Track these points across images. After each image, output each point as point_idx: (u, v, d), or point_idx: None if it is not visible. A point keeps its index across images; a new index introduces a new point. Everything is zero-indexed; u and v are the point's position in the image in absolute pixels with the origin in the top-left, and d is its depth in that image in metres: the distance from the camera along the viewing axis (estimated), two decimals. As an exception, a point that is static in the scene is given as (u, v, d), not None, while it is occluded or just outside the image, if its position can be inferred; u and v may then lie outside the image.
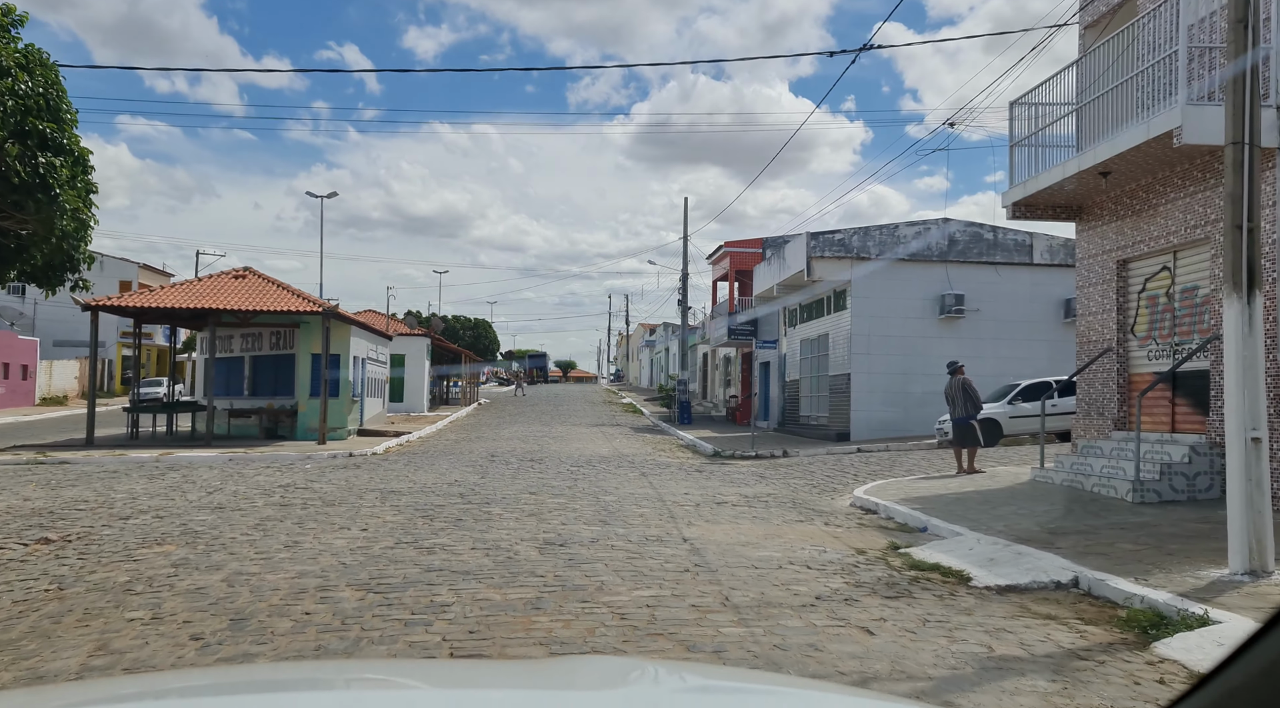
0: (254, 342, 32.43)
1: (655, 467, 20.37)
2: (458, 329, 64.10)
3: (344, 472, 18.30)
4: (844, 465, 19.79)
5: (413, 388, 44.90)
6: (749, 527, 11.39)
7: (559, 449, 25.34)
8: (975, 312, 26.34)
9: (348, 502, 13.47)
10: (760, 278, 32.10)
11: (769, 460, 23.02)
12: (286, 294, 28.87)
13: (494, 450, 24.98)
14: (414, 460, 21.75)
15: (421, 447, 27.34)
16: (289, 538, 10.40)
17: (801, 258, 26.62)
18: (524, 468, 19.37)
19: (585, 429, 34.54)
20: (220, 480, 16.53)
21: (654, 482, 16.79)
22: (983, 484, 14.31)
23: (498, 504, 13.23)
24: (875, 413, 26.25)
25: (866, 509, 13.15)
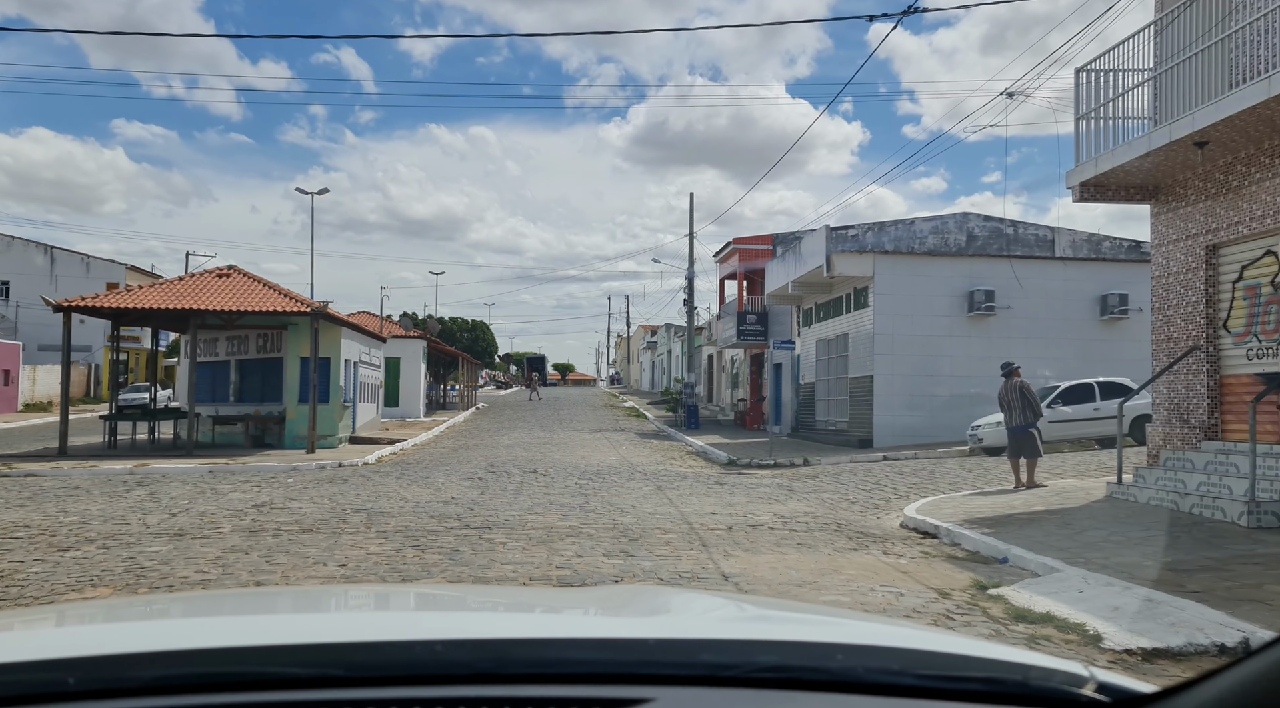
0: (240, 345, 30.64)
1: (670, 478, 18.61)
2: (454, 331, 62.19)
3: (329, 487, 16.52)
4: (876, 476, 18.03)
5: (408, 392, 43.09)
6: (797, 558, 9.62)
7: (563, 458, 23.57)
8: (1006, 309, 24.59)
9: (328, 526, 11.68)
10: (773, 275, 30.31)
11: (790, 470, 21.25)
12: (273, 294, 27.07)
13: (494, 460, 23.20)
14: (408, 472, 19.97)
15: (417, 455, 25.56)
16: (251, 577, 8.62)
17: (820, 253, 24.87)
18: (527, 481, 17.60)
19: (589, 435, 32.77)
20: (190, 498, 14.73)
21: (672, 497, 15.02)
22: (1052, 501, 12.54)
23: (500, 529, 11.45)
24: (899, 418, 24.49)
25: (924, 532, 11.39)
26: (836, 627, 1.59)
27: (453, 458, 23.99)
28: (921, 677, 1.16)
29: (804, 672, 1.15)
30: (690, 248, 37.76)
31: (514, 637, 1.31)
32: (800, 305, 30.88)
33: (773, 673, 1.14)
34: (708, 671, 1.14)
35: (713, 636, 1.39)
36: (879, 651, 1.24)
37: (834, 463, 22.05)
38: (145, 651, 1.16)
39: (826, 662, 1.18)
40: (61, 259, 51.88)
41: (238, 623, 1.57)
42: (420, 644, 1.16)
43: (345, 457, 24.29)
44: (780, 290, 30.00)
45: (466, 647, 1.19)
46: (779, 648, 1.25)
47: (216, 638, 1.29)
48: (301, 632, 1.37)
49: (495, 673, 1.11)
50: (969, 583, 8.42)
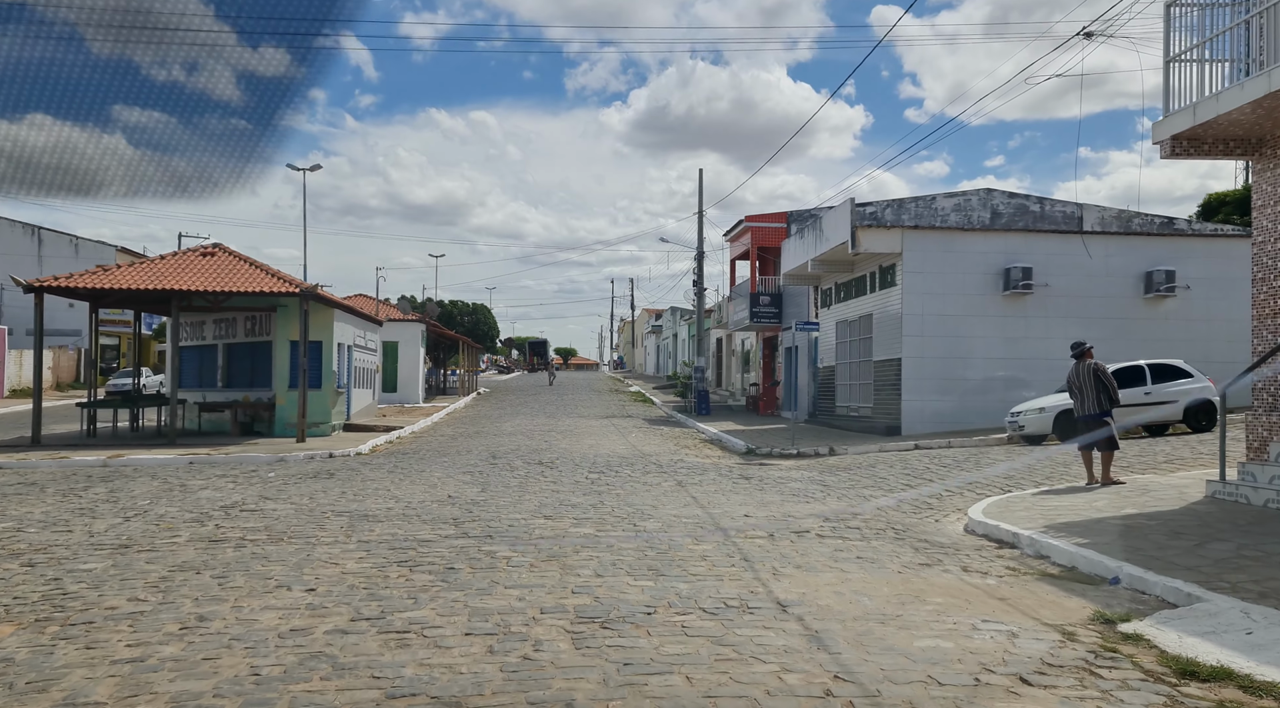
0: (227, 328, 28.88)
1: (688, 471, 16.89)
2: (454, 314, 60.21)
3: (313, 483, 14.79)
4: (915, 469, 16.30)
5: (406, 377, 41.36)
6: (863, 577, 7.89)
7: (570, 447, 21.84)
8: (1044, 287, 22.79)
9: (302, 535, 9.95)
10: (790, 254, 28.50)
11: (817, 460, 19.52)
12: (260, 274, 25.30)
13: (496, 449, 21.47)
14: (402, 464, 18.26)
15: (413, 444, 23.84)
16: (196, 608, 6.90)
17: (844, 228, 23.06)
18: (532, 475, 15.88)
19: (595, 422, 31.04)
20: (154, 497, 13.00)
21: (696, 494, 13.29)
22: (1143, 503, 10.79)
23: (503, 539, 9.71)
24: (929, 403, 22.74)
25: (1001, 542, 9.65)
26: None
27: (451, 448, 22.27)
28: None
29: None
30: (699, 225, 35.96)
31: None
32: (819, 286, 29.07)
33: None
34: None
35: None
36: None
37: (862, 452, 20.32)
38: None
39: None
40: (49, 240, 50.03)
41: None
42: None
43: (337, 446, 22.60)
44: (798, 270, 28.19)
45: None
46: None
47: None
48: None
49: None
50: (1089, 615, 6.69)
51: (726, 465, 18.35)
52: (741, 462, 19.47)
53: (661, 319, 70.26)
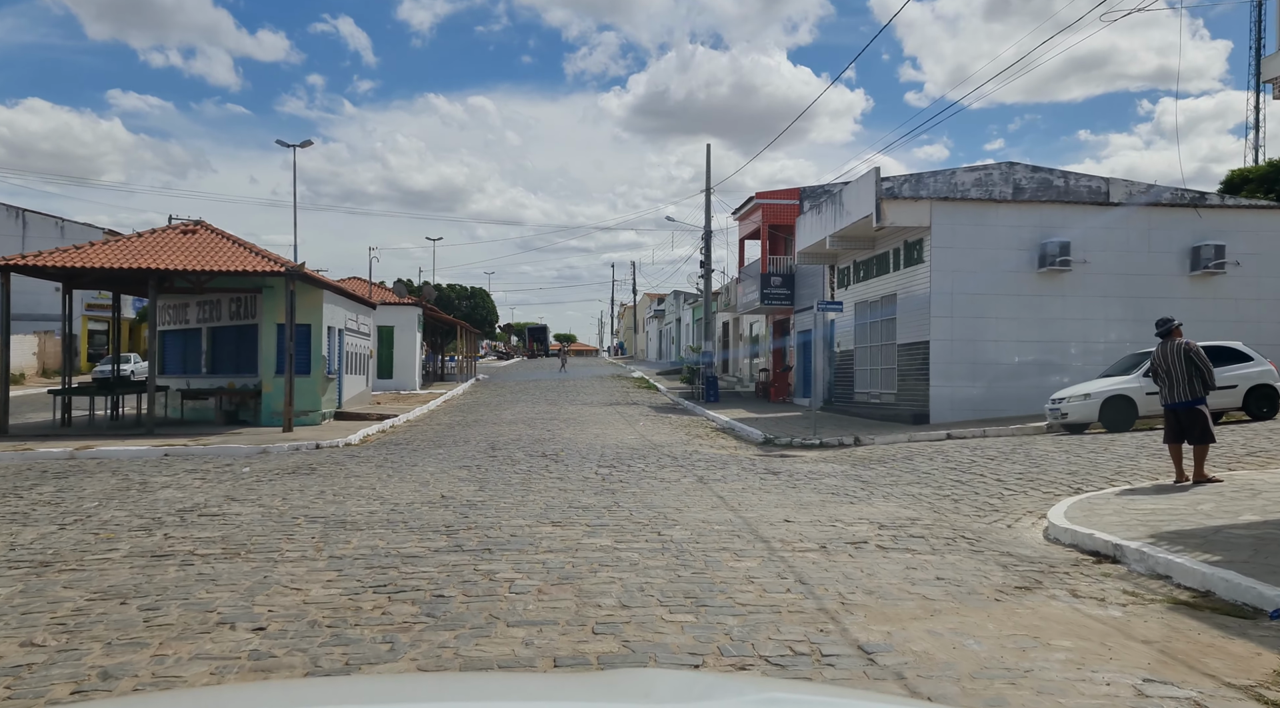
0: (212, 310, 27.21)
1: (706, 464, 15.27)
2: (452, 298, 58.45)
3: (291, 480, 13.14)
4: (958, 462, 14.67)
5: (403, 363, 39.70)
6: (954, 609, 6.26)
7: (575, 438, 20.21)
8: (1082, 264, 21.13)
9: (264, 548, 8.31)
10: (805, 231, 26.81)
11: (843, 451, 17.89)
12: (244, 252, 23.62)
13: (496, 440, 19.84)
14: (393, 456, 16.63)
15: (407, 433, 22.21)
16: (104, 659, 5.25)
17: (868, 200, 21.37)
18: (536, 470, 14.24)
19: (599, 409, 29.41)
20: (105, 498, 11.36)
21: (722, 493, 11.65)
22: (1263, 508, 9.12)
23: (504, 553, 8.07)
24: (959, 389, 21.10)
25: (1099, 555, 8.01)
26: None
27: (448, 437, 20.63)
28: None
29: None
30: (707, 203, 34.24)
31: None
32: (835, 265, 27.39)
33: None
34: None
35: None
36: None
37: (891, 443, 18.70)
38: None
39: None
40: (34, 223, 48.26)
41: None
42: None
43: (325, 436, 21.00)
44: (813, 247, 26.50)
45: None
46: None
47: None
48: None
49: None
50: (1274, 669, 5.06)
51: (746, 457, 16.73)
52: (761, 453, 17.85)
53: (664, 304, 68.56)
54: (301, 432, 22.16)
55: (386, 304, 39.29)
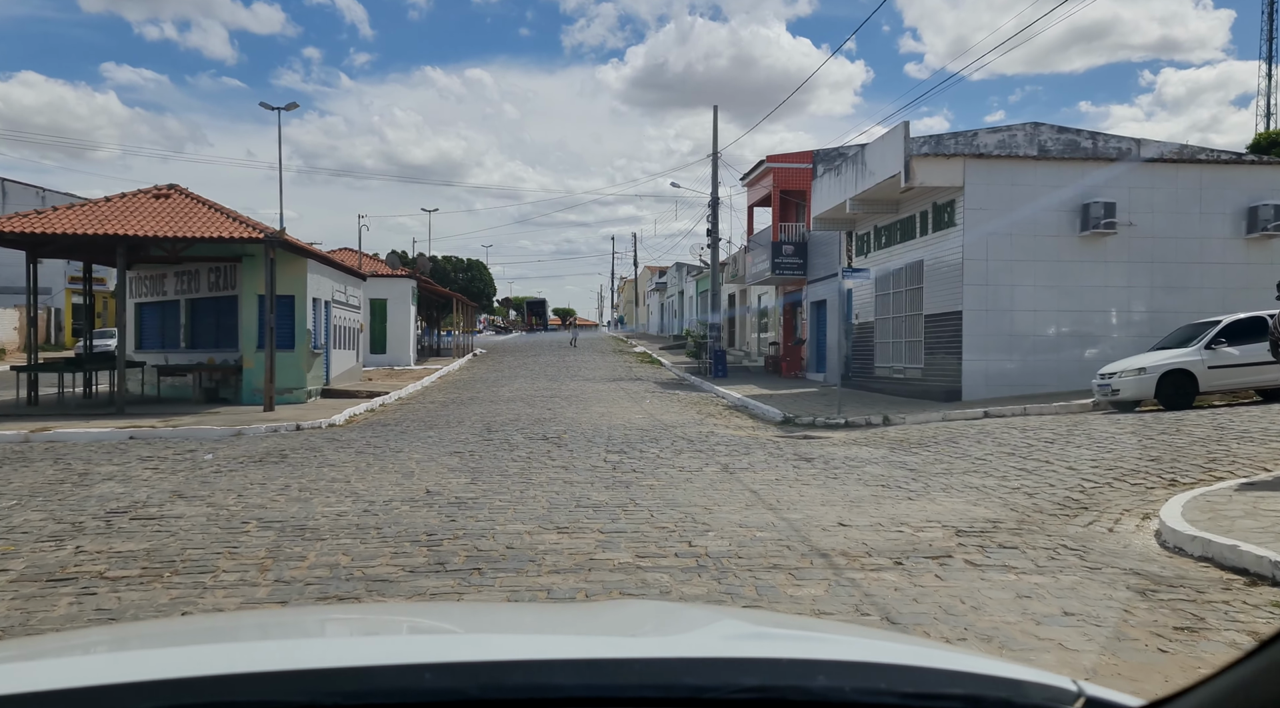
0: (190, 281, 25.43)
1: (727, 448, 13.56)
2: (449, 271, 56.29)
3: (256, 470, 11.40)
4: (1009, 444, 12.95)
5: (396, 337, 37.92)
6: (1112, 666, 4.54)
7: (578, 417, 18.50)
8: (1128, 226, 19.31)
9: (196, 566, 6.56)
10: (822, 194, 24.93)
11: (872, 431, 16.18)
12: (220, 218, 21.78)
13: (492, 419, 18.13)
14: (378, 439, 14.92)
15: (398, 413, 20.50)
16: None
17: (895, 159, 19.51)
18: (537, 456, 12.51)
19: (603, 385, 27.68)
20: (29, 494, 9.61)
21: (754, 486, 9.93)
22: None
23: (497, 574, 6.32)
24: (994, 363, 19.35)
25: (1250, 573, 6.29)
26: (826, 644, 1.58)
27: (440, 418, 18.91)
28: (905, 695, 1.13)
29: (787, 691, 1.13)
30: (714, 168, 32.35)
31: (501, 660, 1.26)
32: (854, 231, 25.54)
33: (755, 693, 1.11)
34: (690, 693, 1.12)
35: (699, 655, 1.36)
36: (864, 668, 1.22)
37: (924, 423, 16.99)
38: (143, 680, 1.14)
39: (809, 681, 1.16)
40: (14, 192, 46.30)
41: (229, 650, 1.54)
42: (412, 670, 1.16)
43: (308, 416, 19.31)
44: (830, 212, 24.65)
45: (453, 672, 1.18)
46: (763, 668, 1.22)
47: (210, 666, 1.24)
48: (290, 658, 1.36)
49: (481, 698, 1.10)
50: None
51: (769, 440, 15.02)
52: (782, 434, 16.14)
53: (665, 276, 66.62)
54: (283, 411, 20.47)
55: (379, 276, 37.48)
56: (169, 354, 25.49)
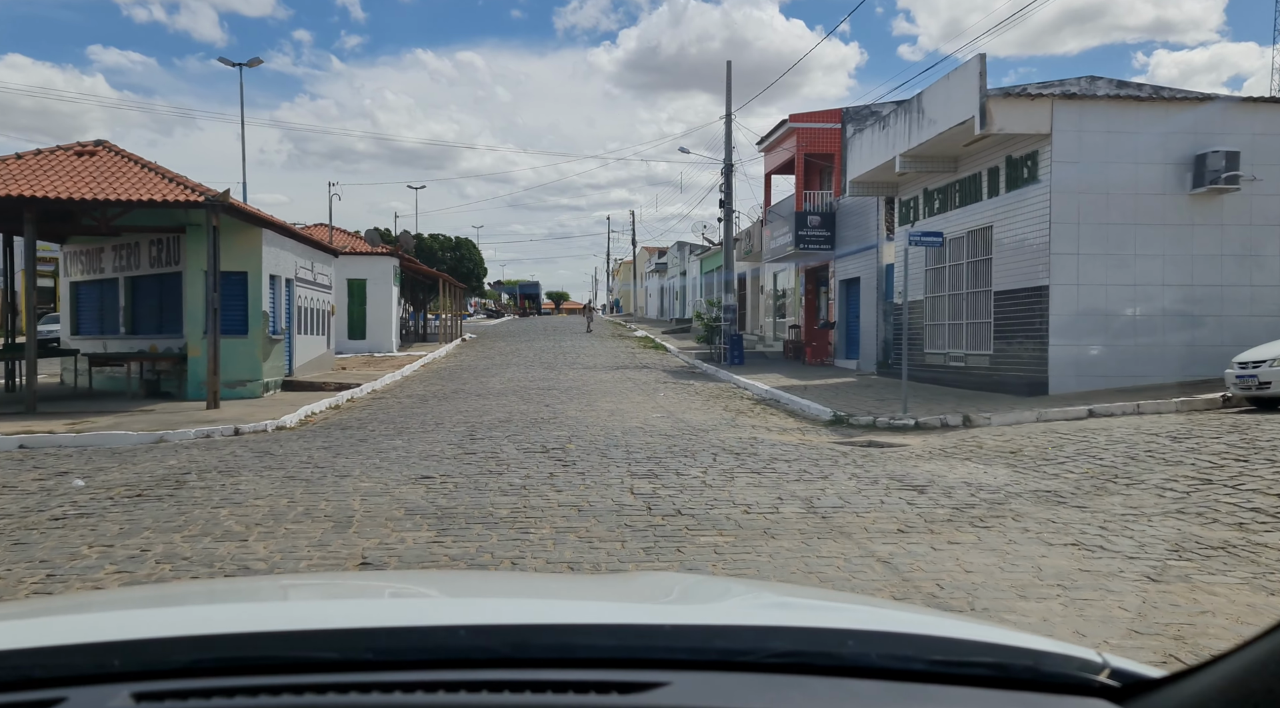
0: (130, 256, 21.75)
1: (790, 466, 9.98)
2: (435, 250, 52.28)
3: (112, 516, 7.74)
4: (1166, 455, 9.38)
5: (377, 321, 34.21)
6: None
7: (584, 416, 14.92)
8: (1251, 182, 15.70)
9: None
10: (861, 153, 21.20)
11: (953, 434, 12.59)
12: (152, 179, 18.07)
13: (478, 419, 14.57)
14: (328, 451, 11.34)
15: (366, 410, 16.91)
16: None
17: (967, 101, 15.83)
18: (536, 482, 8.89)
19: (606, 375, 24.07)
20: None
21: (873, 544, 6.35)
22: None
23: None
24: (1086, 348, 15.77)
25: None
26: (851, 613, 1.57)
27: (415, 418, 15.31)
28: (931, 662, 1.12)
29: (816, 657, 1.14)
30: (727, 131, 28.61)
31: (534, 623, 1.29)
32: (897, 196, 21.88)
33: (785, 658, 1.12)
34: (721, 656, 1.13)
35: (728, 622, 1.37)
36: (890, 637, 1.22)
37: (1016, 423, 13.42)
38: (188, 634, 1.18)
39: (838, 648, 1.17)
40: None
41: (272, 609, 1.56)
42: (444, 630, 1.18)
43: (257, 415, 15.78)
44: (871, 175, 20.98)
45: (488, 633, 1.19)
46: (792, 634, 1.24)
47: (255, 624, 1.29)
48: (331, 618, 1.37)
49: (515, 658, 1.10)
50: None
51: (830, 448, 11.49)
52: (841, 439, 12.59)
53: (665, 257, 62.84)
54: (230, 408, 16.87)
55: (357, 255, 33.77)
56: (108, 340, 21.83)
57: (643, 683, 1.03)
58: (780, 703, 1.03)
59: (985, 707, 1.06)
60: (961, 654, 1.15)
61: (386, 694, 1.01)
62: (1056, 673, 1.12)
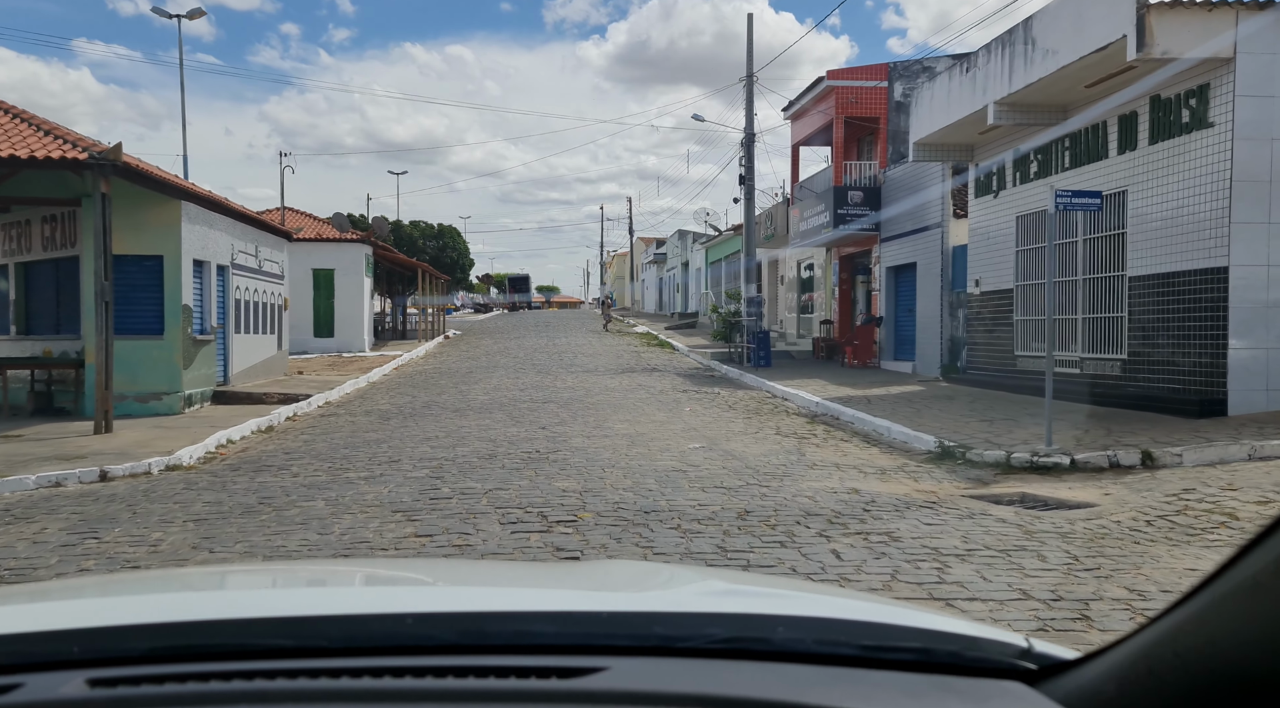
0: (20, 238, 17.40)
1: (933, 538, 5.69)
2: (416, 239, 47.12)
3: None
4: None
5: (347, 317, 29.74)
6: None
7: (593, 447, 10.64)
8: None
9: None
10: (933, 107, 16.73)
11: (1135, 479, 8.29)
12: (20, 130, 13.66)
13: (450, 450, 10.31)
14: (222, 510, 7.05)
15: (307, 433, 12.60)
16: None
17: (1116, 17, 11.48)
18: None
19: (612, 380, 19.76)
20: None
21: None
22: None
23: None
24: (1276, 352, 11.48)
25: None
26: (787, 600, 1.60)
27: (364, 449, 10.96)
28: (860, 647, 1.16)
29: (750, 643, 1.16)
30: (748, 95, 24.28)
31: (480, 611, 1.30)
32: (973, 160, 17.55)
33: (721, 644, 1.15)
34: (660, 642, 1.16)
35: (668, 609, 1.39)
36: (822, 622, 1.26)
37: (1220, 461, 9.16)
38: (144, 623, 1.18)
39: (770, 634, 1.19)
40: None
41: (225, 597, 1.59)
42: (393, 618, 1.19)
43: (157, 443, 11.62)
44: (944, 134, 16.63)
45: (434, 620, 1.20)
46: (727, 621, 1.26)
47: (208, 612, 1.30)
48: (282, 607, 1.39)
49: (460, 644, 1.12)
50: None
51: (975, 509, 7.30)
52: (973, 489, 8.41)
53: (664, 246, 58.36)
54: (127, 433, 12.66)
55: (323, 241, 29.34)
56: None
57: (583, 668, 1.04)
58: (715, 687, 1.03)
59: (908, 689, 1.07)
60: (889, 639, 1.18)
61: (335, 680, 1.01)
62: (979, 658, 1.14)
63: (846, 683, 1.07)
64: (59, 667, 1.04)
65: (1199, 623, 0.89)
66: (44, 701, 0.98)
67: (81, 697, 0.98)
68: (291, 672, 1.03)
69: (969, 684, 1.09)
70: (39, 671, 1.03)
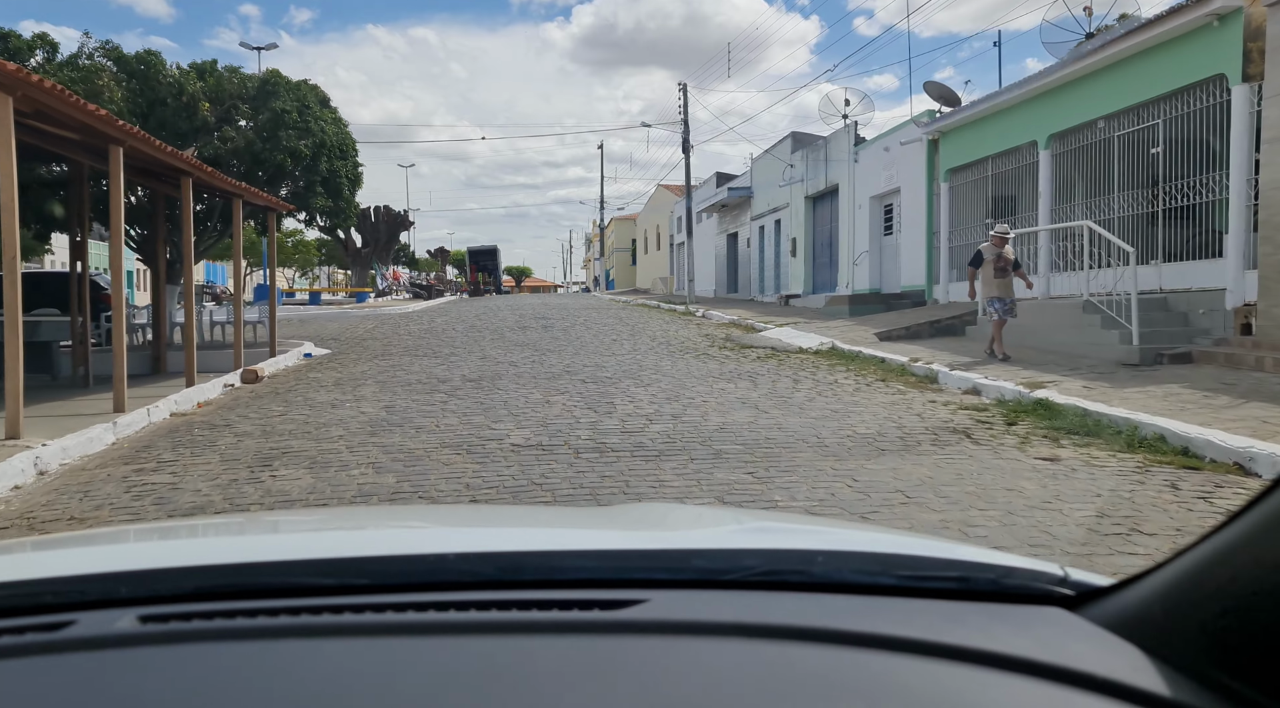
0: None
1: None
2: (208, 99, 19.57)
3: None
4: None
5: None
6: None
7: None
8: None
9: None
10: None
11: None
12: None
13: None
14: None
15: None
16: None
17: None
18: None
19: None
20: None
21: None
22: None
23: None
24: None
25: None
26: (824, 535, 1.58)
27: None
28: (899, 577, 1.13)
29: (788, 574, 1.14)
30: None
31: (520, 549, 1.27)
32: None
33: (758, 576, 1.13)
34: (698, 575, 1.14)
35: (706, 545, 1.35)
36: (859, 555, 1.22)
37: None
38: (192, 564, 1.16)
39: (809, 565, 1.16)
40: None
41: (270, 541, 1.58)
42: (435, 556, 1.17)
43: None
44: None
45: (475, 559, 1.18)
46: (765, 555, 1.22)
47: (254, 554, 1.29)
48: (327, 548, 1.37)
49: (501, 580, 1.11)
50: None
51: None
52: None
53: (748, 175, 34.26)
54: None
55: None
56: None
57: (623, 600, 1.04)
58: (754, 616, 1.02)
59: (950, 616, 1.05)
60: (927, 569, 1.15)
61: (379, 615, 1.01)
62: (1017, 585, 1.11)
63: (886, 611, 1.04)
64: (110, 606, 1.02)
65: (1252, 541, 0.83)
66: (98, 635, 0.95)
67: (134, 631, 0.96)
68: (337, 608, 1.01)
69: (1010, 611, 1.06)
70: (91, 609, 1.01)
